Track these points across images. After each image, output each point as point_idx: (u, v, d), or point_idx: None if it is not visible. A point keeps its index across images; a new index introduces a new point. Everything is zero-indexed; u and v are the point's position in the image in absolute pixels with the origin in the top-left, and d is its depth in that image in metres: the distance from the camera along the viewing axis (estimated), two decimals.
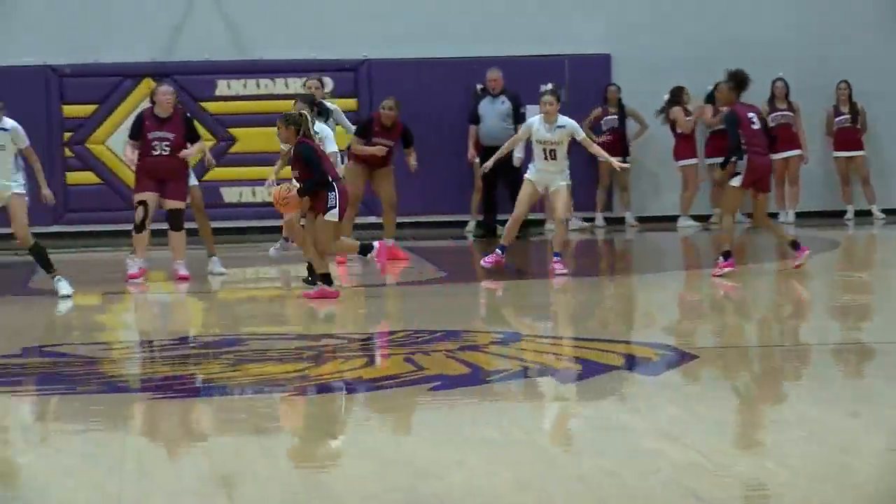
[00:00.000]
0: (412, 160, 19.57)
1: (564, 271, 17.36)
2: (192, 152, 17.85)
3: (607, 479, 7.67)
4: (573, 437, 8.79)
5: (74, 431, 9.37)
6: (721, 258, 16.84)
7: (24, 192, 16.42)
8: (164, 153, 17.75)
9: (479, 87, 22.84)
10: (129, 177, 19.95)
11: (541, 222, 23.67)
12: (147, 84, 22.79)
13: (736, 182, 16.77)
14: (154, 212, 17.86)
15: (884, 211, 24.25)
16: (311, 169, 15.45)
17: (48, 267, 16.48)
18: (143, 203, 17.73)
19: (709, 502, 7.21)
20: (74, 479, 8.22)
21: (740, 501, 7.26)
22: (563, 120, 17.35)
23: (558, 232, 17.74)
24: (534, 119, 17.54)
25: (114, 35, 23.51)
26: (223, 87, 23.55)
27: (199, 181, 18.76)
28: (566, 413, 9.69)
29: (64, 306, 15.86)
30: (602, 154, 18.07)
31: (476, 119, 22.96)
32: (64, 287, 16.36)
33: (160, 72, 22.84)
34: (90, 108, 23.35)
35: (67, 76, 23.21)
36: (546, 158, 17.36)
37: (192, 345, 13.19)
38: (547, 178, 17.43)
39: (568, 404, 9.98)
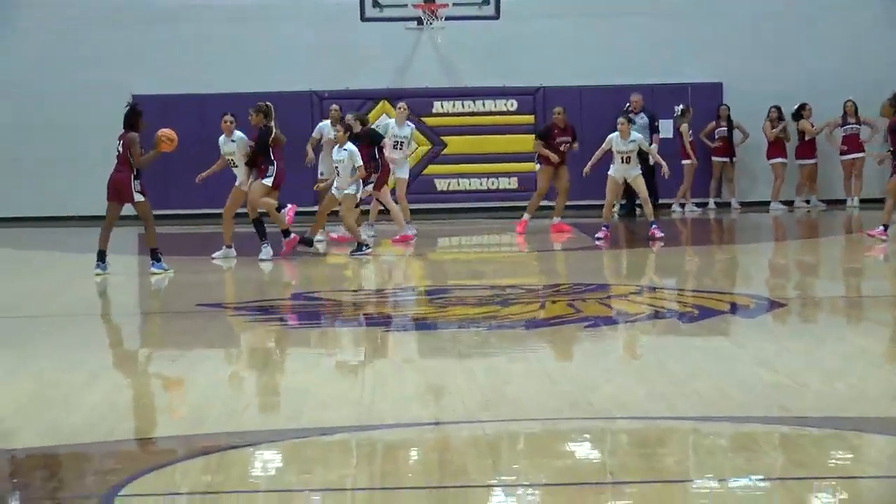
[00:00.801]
0: (575, 146, 19.39)
1: (661, 234, 17.46)
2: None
3: (717, 393, 7.58)
4: (691, 361, 8.67)
5: (326, 354, 9.45)
6: (882, 227, 16.52)
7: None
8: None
9: (626, 105, 22.54)
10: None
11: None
12: (383, 105, 22.87)
13: None
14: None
15: None
16: (258, 144, 15.66)
17: (263, 236, 15.85)
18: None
19: (791, 412, 7.10)
20: (328, 387, 8.29)
21: (815, 412, 7.13)
22: (634, 135, 17.82)
23: (646, 207, 18.08)
24: (613, 135, 17.81)
25: (361, 68, 23.58)
26: (438, 106, 23.49)
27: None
28: (686, 344, 9.57)
29: (265, 266, 15.42)
30: (658, 159, 18.10)
31: None
32: (265, 253, 15.73)
33: (394, 95, 22.81)
34: None
35: (326, 99, 23.27)
36: (622, 162, 17.77)
37: (412, 292, 13.22)
38: (624, 173, 17.83)
39: (687, 338, 9.85)
